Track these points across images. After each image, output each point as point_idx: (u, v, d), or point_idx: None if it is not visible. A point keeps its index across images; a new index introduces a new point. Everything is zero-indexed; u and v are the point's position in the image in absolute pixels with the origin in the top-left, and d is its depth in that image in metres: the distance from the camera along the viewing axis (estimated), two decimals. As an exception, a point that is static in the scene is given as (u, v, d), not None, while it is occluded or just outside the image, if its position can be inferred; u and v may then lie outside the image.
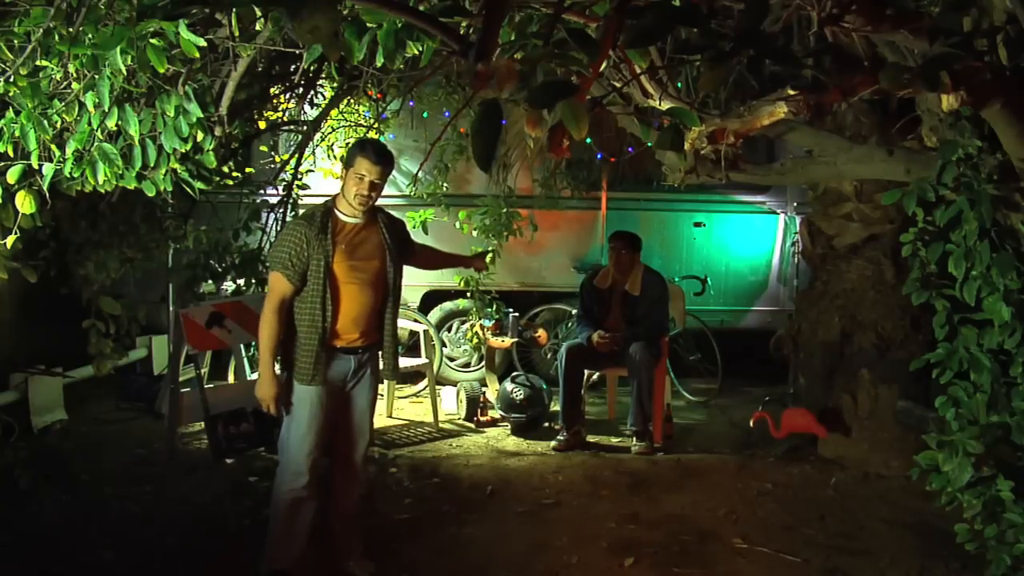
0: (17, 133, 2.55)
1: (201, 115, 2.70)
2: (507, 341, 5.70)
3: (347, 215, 2.98)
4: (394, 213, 3.28)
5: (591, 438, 5.06)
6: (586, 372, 5.25)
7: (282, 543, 3.00)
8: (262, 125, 5.22)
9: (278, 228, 4.93)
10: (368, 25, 2.06)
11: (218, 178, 4.31)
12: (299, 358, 2.91)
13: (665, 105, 2.99)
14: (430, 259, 3.54)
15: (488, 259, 5.72)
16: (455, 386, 5.74)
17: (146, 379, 5.74)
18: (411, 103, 5.80)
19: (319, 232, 2.89)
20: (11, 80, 2.44)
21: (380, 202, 3.08)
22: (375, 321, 3.06)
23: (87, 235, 4.10)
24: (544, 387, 5.38)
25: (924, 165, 3.11)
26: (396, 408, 5.73)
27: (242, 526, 3.60)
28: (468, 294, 5.93)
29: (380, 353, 3.13)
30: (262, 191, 5.25)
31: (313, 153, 5.69)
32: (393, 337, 3.11)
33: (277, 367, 2.96)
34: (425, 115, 6.09)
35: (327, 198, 3.04)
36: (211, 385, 4.56)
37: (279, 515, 2.98)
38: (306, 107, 5.42)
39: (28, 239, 3.20)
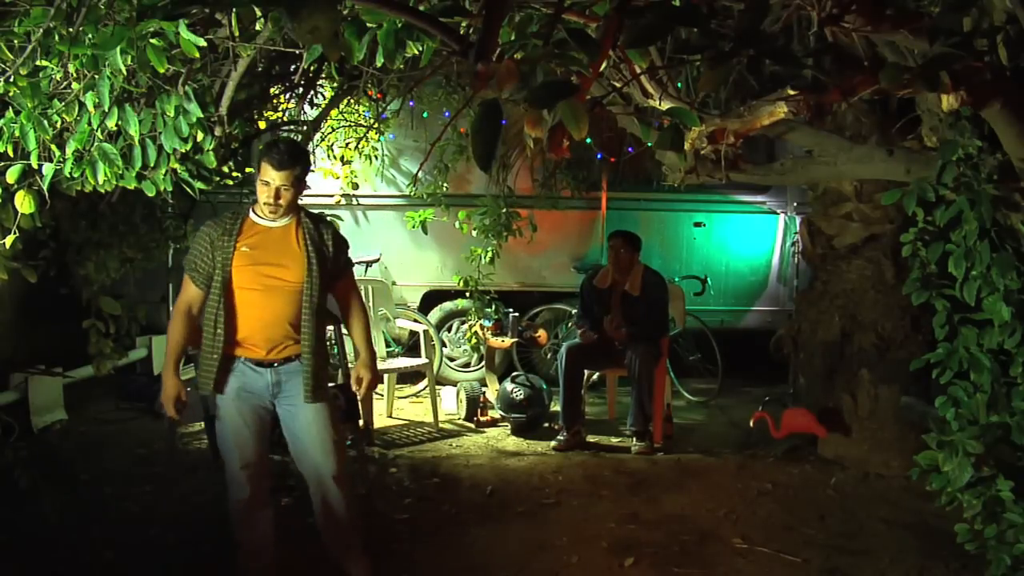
0: (17, 133, 2.55)
1: (201, 115, 2.70)
2: (507, 341, 5.70)
3: (262, 217, 2.84)
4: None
5: (591, 438, 5.06)
6: (586, 372, 5.25)
7: (243, 554, 2.93)
8: (262, 125, 5.22)
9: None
10: (368, 25, 2.06)
11: (218, 178, 4.30)
12: (200, 364, 2.82)
13: (665, 105, 2.99)
14: (344, 307, 3.07)
15: (488, 259, 5.75)
16: (455, 386, 5.75)
17: (146, 379, 5.74)
18: (411, 103, 5.80)
19: (223, 233, 2.79)
20: (11, 80, 2.44)
21: (380, 202, 3.04)
22: (293, 334, 2.81)
23: (87, 235, 4.10)
24: (544, 387, 5.38)
25: (924, 165, 3.11)
26: (396, 408, 5.73)
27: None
28: (468, 294, 5.93)
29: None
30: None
31: (313, 153, 5.69)
32: (313, 355, 2.82)
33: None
34: (425, 115, 6.09)
35: (328, 197, 2.99)
36: (211, 385, 4.55)
37: (234, 526, 2.92)
38: (306, 107, 5.42)
39: (28, 239, 3.20)
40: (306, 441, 2.88)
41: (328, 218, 4.12)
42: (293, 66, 4.52)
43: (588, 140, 5.69)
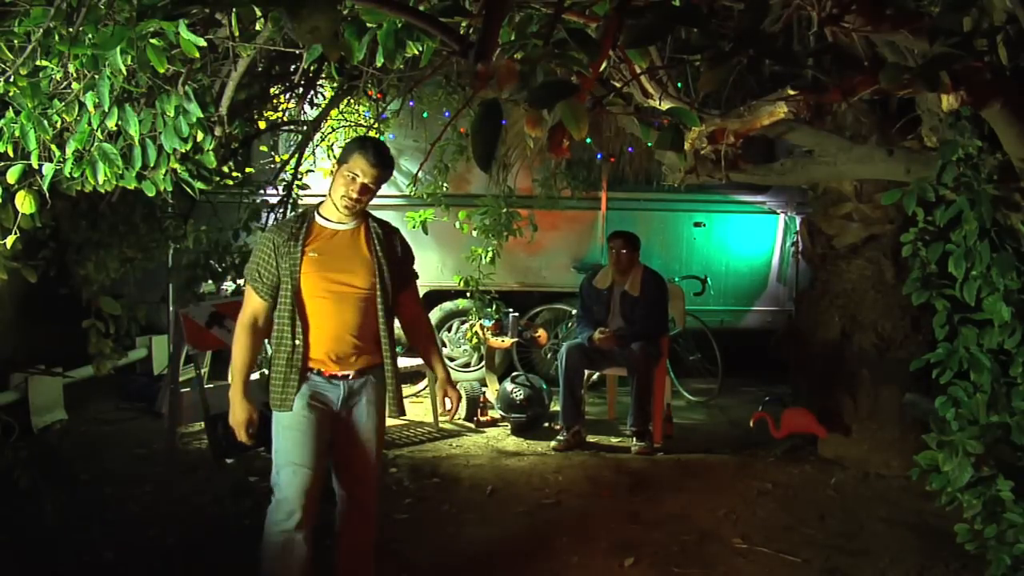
0: (17, 133, 2.55)
1: (201, 115, 2.69)
2: (507, 341, 5.70)
3: (328, 219, 2.67)
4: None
5: (591, 438, 5.06)
6: (586, 372, 5.25)
7: None
8: (262, 125, 5.22)
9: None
10: (368, 25, 2.06)
11: (218, 178, 4.31)
12: (271, 381, 2.62)
13: (665, 105, 2.99)
14: (409, 322, 2.92)
15: (488, 259, 5.75)
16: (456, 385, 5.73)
17: (146, 379, 5.75)
18: (411, 103, 5.80)
19: (289, 239, 2.60)
20: (11, 80, 2.44)
21: (379, 202, 2.99)
22: (365, 345, 2.67)
23: (87, 235, 4.10)
24: (544, 387, 5.38)
25: (924, 165, 3.11)
26: (396, 408, 5.72)
27: (242, 526, 3.59)
28: (468, 294, 5.93)
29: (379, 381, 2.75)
30: (262, 191, 5.25)
31: (313, 153, 5.69)
32: (394, 366, 2.73)
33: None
34: (425, 115, 6.09)
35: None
36: (211, 385, 4.56)
37: (270, 556, 2.62)
38: (306, 107, 5.42)
39: (28, 239, 3.20)
40: (361, 450, 2.72)
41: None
42: (293, 66, 4.52)
43: (588, 140, 5.69)
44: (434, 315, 6.39)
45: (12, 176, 2.68)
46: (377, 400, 2.73)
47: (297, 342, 2.59)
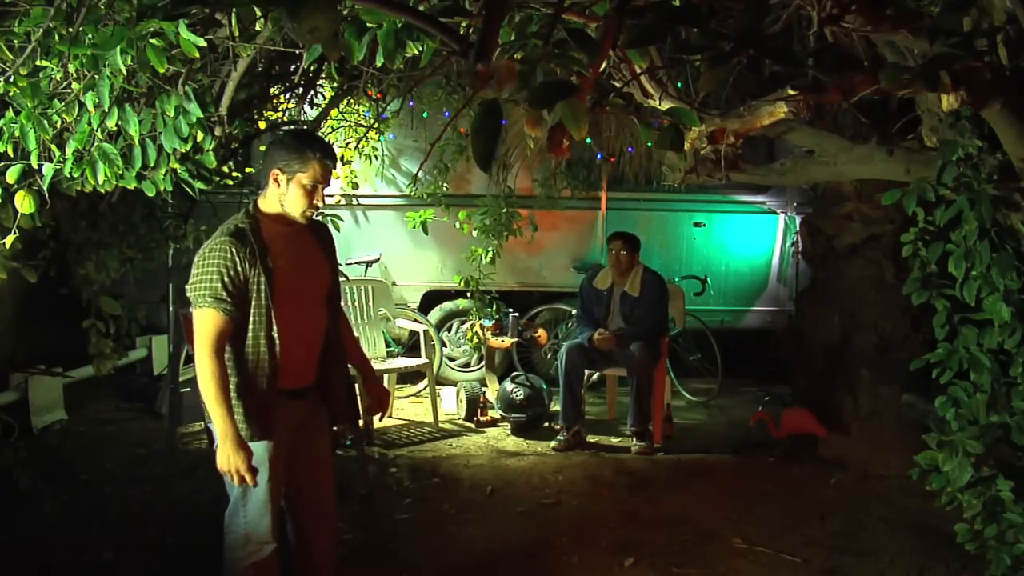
0: (17, 133, 2.55)
1: (201, 115, 2.69)
2: (507, 341, 5.70)
3: (276, 223, 2.43)
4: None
5: (591, 438, 5.06)
6: (586, 372, 5.25)
7: None
8: (262, 125, 5.22)
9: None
10: (368, 25, 2.06)
11: (218, 178, 4.30)
12: (246, 408, 2.33)
13: (665, 105, 2.99)
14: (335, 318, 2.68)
15: (488, 259, 5.75)
16: (455, 386, 5.75)
17: (146, 379, 5.74)
18: (411, 103, 5.80)
19: (250, 250, 2.33)
20: (11, 80, 2.44)
21: (380, 202, 2.98)
22: (321, 352, 2.53)
23: (87, 235, 4.10)
24: (544, 387, 5.38)
25: (924, 165, 3.11)
26: (396, 408, 5.73)
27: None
28: (468, 294, 5.93)
29: (326, 392, 2.57)
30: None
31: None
32: (346, 370, 2.61)
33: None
34: (425, 115, 6.09)
35: (328, 197, 2.47)
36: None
37: None
38: (306, 107, 5.41)
39: (28, 239, 3.20)
40: (319, 471, 2.58)
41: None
42: (293, 66, 4.52)
43: (588, 140, 5.69)
44: (434, 315, 6.39)
45: (12, 176, 2.68)
46: (325, 412, 2.59)
47: (277, 359, 2.36)
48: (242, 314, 2.32)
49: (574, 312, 5.60)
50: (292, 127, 5.46)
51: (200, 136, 2.83)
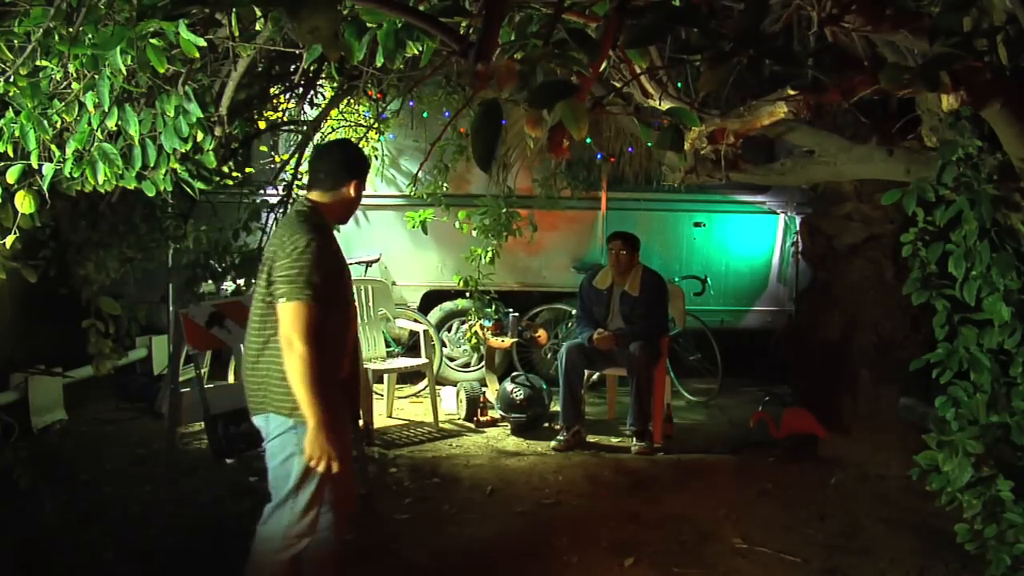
0: (17, 133, 2.55)
1: (201, 115, 2.70)
2: (507, 341, 5.70)
3: (330, 224, 2.64)
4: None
5: (591, 438, 5.06)
6: (586, 372, 5.25)
7: None
8: (262, 125, 5.22)
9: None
10: (368, 25, 2.06)
11: (218, 178, 4.31)
12: (308, 401, 2.39)
13: (665, 105, 2.99)
14: None
15: (488, 259, 5.76)
16: (455, 386, 5.74)
17: (146, 379, 5.74)
18: (411, 103, 5.80)
19: (330, 241, 2.55)
20: (11, 80, 2.44)
21: (380, 202, 3.02)
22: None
23: (87, 235, 4.10)
24: (544, 387, 5.38)
25: (924, 165, 3.11)
26: (396, 408, 5.73)
27: (242, 526, 3.59)
28: (468, 294, 5.93)
29: (349, 386, 2.75)
30: (262, 191, 5.25)
31: (313, 153, 5.68)
32: (360, 365, 2.73)
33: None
34: (425, 115, 6.09)
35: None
36: (211, 385, 4.56)
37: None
38: (306, 107, 5.42)
39: (28, 239, 3.20)
40: (345, 463, 2.57)
41: None
42: (293, 66, 4.52)
43: (588, 140, 5.69)
44: (434, 315, 6.39)
45: (12, 176, 2.68)
46: (350, 407, 2.74)
47: (340, 350, 2.58)
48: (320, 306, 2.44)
49: (574, 312, 5.60)
50: (292, 127, 5.48)
51: (200, 136, 2.84)
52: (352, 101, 5.49)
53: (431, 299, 6.48)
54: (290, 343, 2.38)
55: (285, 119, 5.51)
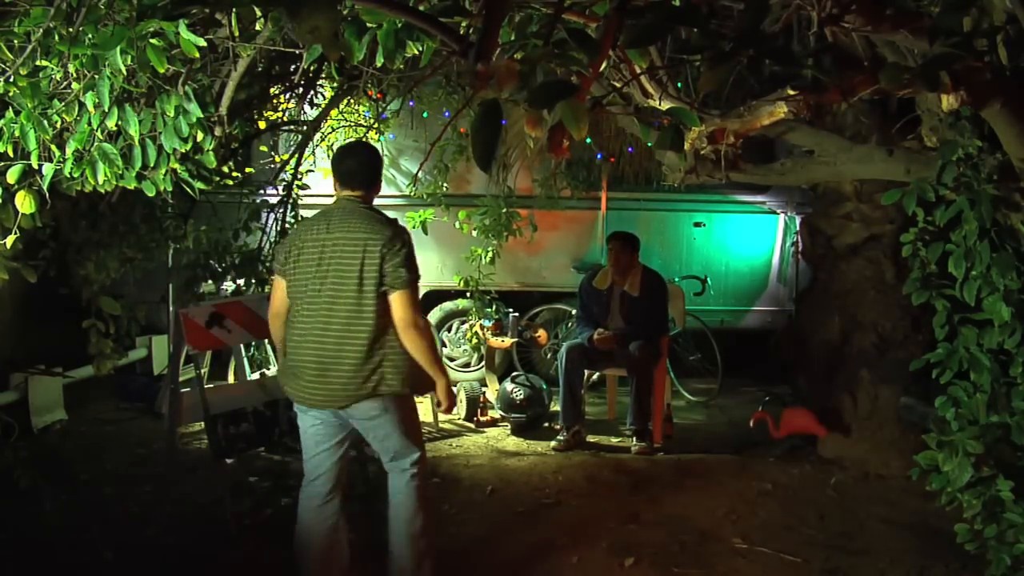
0: (17, 133, 2.55)
1: (201, 115, 2.70)
2: (507, 341, 5.70)
3: None
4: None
5: (591, 438, 5.06)
6: (586, 372, 5.25)
7: None
8: (262, 125, 5.22)
9: (278, 228, 4.93)
10: (368, 25, 2.06)
11: (218, 178, 4.31)
12: (404, 367, 2.76)
13: (665, 105, 2.99)
14: None
15: (488, 259, 5.75)
16: (455, 386, 5.74)
17: (146, 379, 5.74)
18: (411, 103, 5.80)
19: None
20: (11, 80, 2.44)
21: (380, 202, 3.03)
22: None
23: (87, 235, 4.11)
24: (544, 387, 5.38)
25: (924, 165, 3.11)
26: (396, 408, 5.72)
27: (242, 526, 3.60)
28: (468, 294, 5.93)
29: None
30: (262, 191, 5.25)
31: (313, 153, 5.69)
32: None
33: None
34: (425, 115, 6.09)
35: (328, 197, 2.88)
36: (211, 385, 4.56)
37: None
38: (306, 107, 5.42)
39: (28, 239, 3.20)
40: None
41: None
42: (293, 66, 4.53)
43: (588, 140, 5.69)
44: (434, 315, 6.39)
45: (12, 176, 2.68)
46: None
47: None
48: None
49: (574, 312, 5.59)
50: (292, 127, 5.48)
51: (200, 136, 2.84)
52: (352, 101, 5.49)
53: (431, 299, 6.48)
54: (414, 323, 2.71)
55: (285, 119, 5.51)
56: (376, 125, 5.62)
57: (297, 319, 2.76)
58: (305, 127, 5.26)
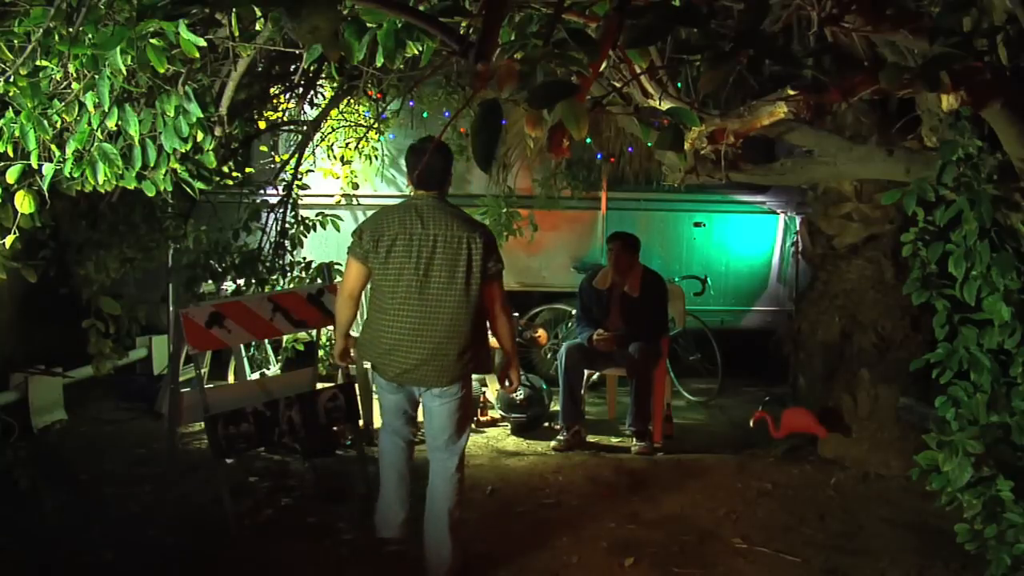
0: (17, 133, 2.55)
1: (201, 115, 2.70)
2: (507, 341, 5.70)
3: None
4: None
5: (591, 438, 5.05)
6: (586, 372, 5.25)
7: None
8: (262, 125, 5.22)
9: (278, 228, 4.93)
10: (368, 25, 2.06)
11: (218, 178, 4.31)
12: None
13: (665, 105, 2.99)
14: None
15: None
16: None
17: (146, 379, 5.74)
18: (411, 103, 5.80)
19: None
20: (11, 80, 2.44)
21: (380, 202, 3.09)
22: None
23: (87, 235, 4.10)
24: (544, 387, 5.38)
25: (924, 165, 3.11)
26: (396, 408, 5.72)
27: (242, 526, 3.60)
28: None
29: None
30: (262, 191, 5.25)
31: (313, 153, 5.69)
32: None
33: None
34: (425, 115, 6.09)
35: (328, 197, 3.02)
36: (211, 385, 4.56)
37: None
38: (306, 107, 5.42)
39: (28, 239, 3.20)
40: None
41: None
42: (293, 66, 4.53)
43: (588, 140, 5.69)
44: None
45: (12, 176, 2.68)
46: None
47: None
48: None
49: (574, 312, 5.59)
50: (292, 127, 5.48)
51: (200, 136, 2.84)
52: (352, 101, 5.49)
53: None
54: (508, 307, 3.23)
55: (285, 119, 5.51)
56: (376, 125, 5.62)
57: (395, 306, 3.03)
58: (305, 127, 5.26)
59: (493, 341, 5.50)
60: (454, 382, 3.10)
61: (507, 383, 3.30)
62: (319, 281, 4.47)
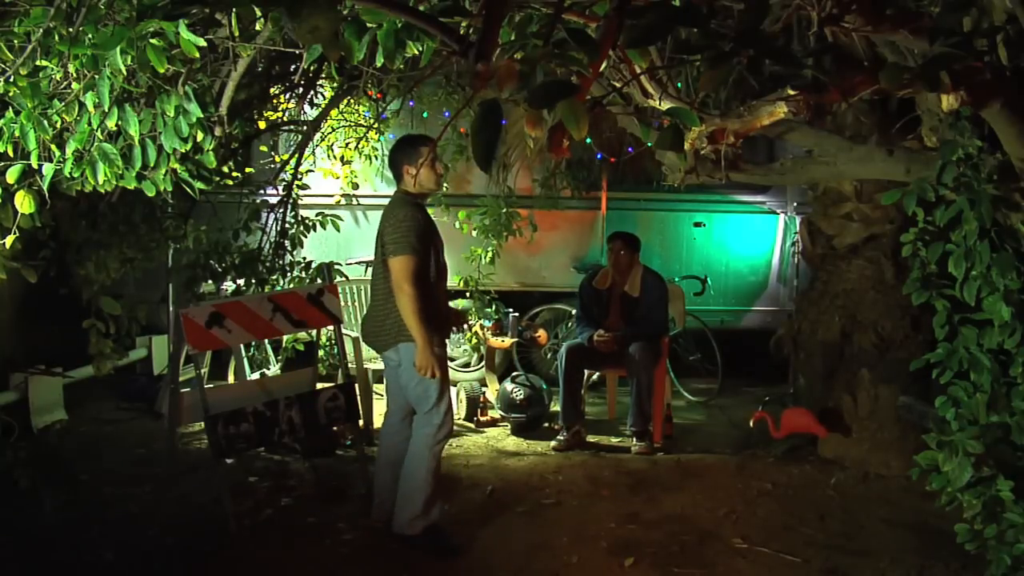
0: (17, 133, 2.55)
1: (201, 115, 2.70)
2: (507, 341, 5.70)
3: None
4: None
5: (591, 438, 5.06)
6: (586, 372, 5.24)
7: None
8: (262, 125, 5.22)
9: (278, 228, 4.93)
10: (368, 25, 2.06)
11: (218, 178, 4.30)
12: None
13: (665, 105, 2.99)
14: None
15: (488, 259, 5.75)
16: (455, 386, 5.73)
17: (146, 379, 5.74)
18: (411, 103, 5.80)
19: (425, 215, 3.45)
20: (11, 80, 2.44)
21: (380, 202, 3.09)
22: None
23: (87, 235, 4.10)
24: (544, 387, 5.38)
25: (924, 165, 3.12)
26: (396, 408, 5.72)
27: (242, 526, 3.60)
28: (468, 294, 5.93)
29: None
30: (262, 191, 5.25)
31: (313, 153, 5.69)
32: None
33: None
34: (425, 115, 6.09)
35: (328, 197, 3.05)
36: (211, 385, 4.56)
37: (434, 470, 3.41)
38: (306, 107, 5.42)
39: (28, 239, 3.20)
40: None
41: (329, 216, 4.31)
42: (293, 66, 4.53)
43: (588, 140, 5.69)
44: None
45: (12, 176, 2.68)
46: None
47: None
48: None
49: (574, 312, 5.59)
50: (292, 127, 5.48)
51: (200, 136, 2.84)
52: (352, 101, 5.49)
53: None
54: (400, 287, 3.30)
55: (285, 119, 5.51)
56: (376, 125, 5.62)
57: (428, 291, 3.33)
58: (305, 127, 5.26)
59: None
60: (389, 348, 3.43)
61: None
62: (319, 281, 4.47)
